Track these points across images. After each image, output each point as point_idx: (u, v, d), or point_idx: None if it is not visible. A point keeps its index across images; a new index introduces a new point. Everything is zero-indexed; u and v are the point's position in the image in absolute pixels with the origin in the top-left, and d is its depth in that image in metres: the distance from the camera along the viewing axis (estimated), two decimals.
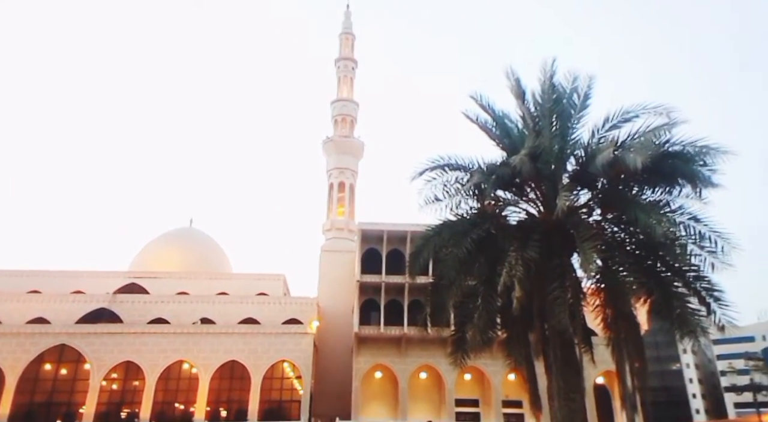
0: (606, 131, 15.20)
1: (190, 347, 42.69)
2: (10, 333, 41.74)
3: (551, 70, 15.97)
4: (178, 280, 53.69)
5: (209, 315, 48.67)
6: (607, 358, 15.56)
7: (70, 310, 46.64)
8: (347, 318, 47.78)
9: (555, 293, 13.42)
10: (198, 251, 61.36)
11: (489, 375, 44.38)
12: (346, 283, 50.43)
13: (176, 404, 42.07)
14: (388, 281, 45.24)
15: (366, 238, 47.28)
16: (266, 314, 49.65)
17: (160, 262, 57.56)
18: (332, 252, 55.05)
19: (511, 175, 14.92)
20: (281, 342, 43.96)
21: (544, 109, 15.76)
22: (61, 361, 41.75)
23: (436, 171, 15.94)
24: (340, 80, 64.42)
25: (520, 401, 43.58)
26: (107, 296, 48.50)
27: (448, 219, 16.01)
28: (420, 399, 45.77)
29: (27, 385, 40.60)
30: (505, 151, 16.25)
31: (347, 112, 62.76)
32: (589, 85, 15.71)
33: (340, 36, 66.66)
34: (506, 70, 16.24)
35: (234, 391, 42.40)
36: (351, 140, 61.65)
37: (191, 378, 42.25)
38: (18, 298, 47.80)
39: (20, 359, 40.75)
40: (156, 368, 41.63)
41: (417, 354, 44.52)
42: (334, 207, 59.06)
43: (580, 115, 15.69)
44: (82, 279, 52.75)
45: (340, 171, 60.18)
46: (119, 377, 42.32)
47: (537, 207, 15.75)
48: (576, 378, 14.78)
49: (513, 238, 14.39)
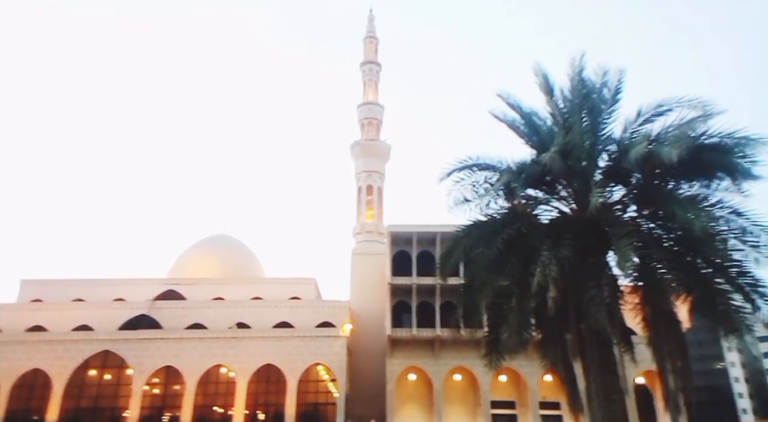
0: (639, 125, 14.86)
1: (227, 351, 43.49)
2: (56, 340, 43.34)
3: (580, 65, 15.70)
4: (214, 286, 54.82)
5: (244, 320, 49.49)
6: (648, 357, 15.18)
7: (112, 317, 48.14)
8: (379, 321, 47.88)
9: (591, 292, 13.16)
10: (232, 257, 62.51)
11: (525, 377, 43.76)
12: (377, 286, 50.55)
13: (215, 407, 42.91)
14: (419, 283, 45.16)
15: (396, 240, 47.31)
16: (299, 318, 50.18)
17: (196, 269, 58.89)
18: (363, 256, 55.28)
19: (541, 173, 14.74)
20: (315, 346, 44.35)
21: (574, 104, 15.50)
22: (105, 367, 43.12)
23: (464, 171, 15.86)
24: (365, 84, 64.76)
25: (558, 402, 42.80)
26: (147, 303, 49.87)
27: (478, 220, 15.90)
28: (455, 401, 45.46)
29: (73, 391, 42.04)
30: (534, 149, 16.05)
31: (373, 115, 63.03)
32: (620, 79, 15.38)
33: (365, 40, 67.02)
34: (534, 66, 16.09)
35: (271, 394, 42.98)
36: (378, 143, 61.88)
37: (229, 381, 43.03)
38: (63, 307, 49.66)
39: (66, 365, 42.26)
40: (195, 372, 42.55)
41: (450, 355, 44.24)
42: (363, 210, 59.33)
43: (611, 109, 15.37)
44: (123, 286, 54.39)
45: (367, 174, 60.44)
46: (160, 381, 43.42)
47: (569, 205, 15.49)
48: (616, 379, 14.46)
49: (545, 237, 14.19)
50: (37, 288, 53.98)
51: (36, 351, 42.56)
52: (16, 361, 42.00)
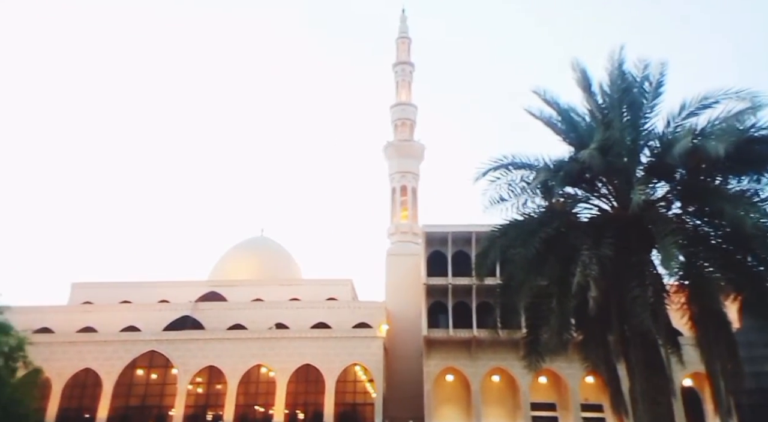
0: (683, 119, 14.40)
1: (267, 351, 44.29)
2: (105, 341, 45.10)
3: (619, 59, 15.33)
4: (253, 288, 55.93)
5: (283, 321, 50.30)
6: (696, 359, 14.67)
7: (157, 318, 49.74)
8: (415, 322, 47.82)
9: (634, 292, 12.83)
10: (270, 259, 63.63)
11: (565, 378, 42.89)
12: (412, 286, 50.49)
13: (256, 406, 43.76)
14: (454, 283, 44.89)
15: (430, 241, 47.17)
16: (336, 318, 50.64)
17: (236, 271, 60.24)
18: (398, 256, 55.33)
19: (580, 171, 14.46)
20: (352, 346, 44.67)
21: (614, 99, 15.14)
22: (152, 366, 44.55)
23: (500, 170, 15.70)
24: (398, 84, 64.80)
25: (601, 404, 41.75)
26: (190, 304, 51.31)
27: (515, 219, 15.72)
28: (494, 402, 44.96)
29: (122, 390, 43.58)
30: (572, 146, 15.76)
31: (406, 115, 63.02)
32: (662, 72, 14.93)
33: (397, 40, 67.08)
34: (571, 61, 15.78)
35: (310, 394, 43.52)
36: (411, 143, 61.83)
37: (269, 381, 43.81)
38: (112, 308, 51.65)
39: (115, 365, 43.88)
40: (236, 372, 43.50)
41: (488, 356, 43.79)
42: (398, 210, 59.39)
43: (653, 103, 14.95)
44: (167, 288, 56.10)
45: (401, 175, 60.48)
46: (203, 381, 44.56)
47: (610, 202, 15.15)
48: (662, 381, 14.05)
49: (585, 236, 13.92)
50: (86, 290, 56.35)
51: (87, 351, 44.37)
52: (68, 361, 43.86)
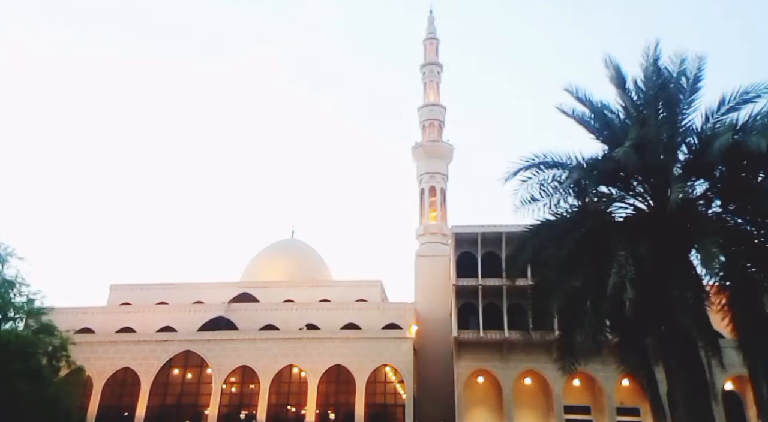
0: (722, 115, 13.96)
1: (298, 352, 44.76)
2: (143, 341, 46.36)
3: (655, 54, 14.96)
4: (284, 289, 56.62)
5: (314, 322, 50.75)
6: (738, 362, 14.25)
7: (192, 319, 50.86)
8: (445, 323, 47.58)
9: (673, 293, 12.50)
10: (300, 260, 64.30)
11: (600, 381, 41.93)
12: (441, 288, 50.25)
13: (288, 406, 44.27)
14: (484, 284, 44.43)
15: (460, 242, 46.86)
16: (366, 319, 50.80)
17: (267, 272, 61.11)
18: (427, 257, 55.17)
19: (614, 169, 14.17)
20: (383, 347, 44.73)
21: (649, 95, 14.79)
22: (187, 366, 45.51)
23: (531, 170, 15.52)
24: (426, 85, 64.64)
25: (638, 408, 40.70)
26: (223, 305, 52.31)
27: (547, 219, 15.51)
28: (526, 405, 44.31)
29: (159, 389, 44.64)
30: (606, 144, 15.47)
31: (435, 116, 62.80)
32: (699, 67, 14.49)
33: (425, 41, 66.92)
34: (604, 58, 15.50)
35: (341, 394, 43.77)
36: (440, 144, 61.56)
37: (301, 381, 44.23)
38: (149, 309, 53.09)
39: (153, 365, 45.04)
40: (269, 372, 44.08)
41: (520, 358, 43.17)
42: (426, 212, 59.21)
43: (690, 99, 14.53)
44: (201, 290, 57.35)
45: (430, 176, 60.28)
46: (237, 381, 45.28)
47: (646, 201, 14.79)
48: (702, 384, 13.64)
49: (621, 236, 13.64)
50: (124, 292, 58.08)
51: (125, 351, 45.71)
52: (108, 361, 45.21)
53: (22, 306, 31.82)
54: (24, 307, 31.90)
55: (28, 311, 32.17)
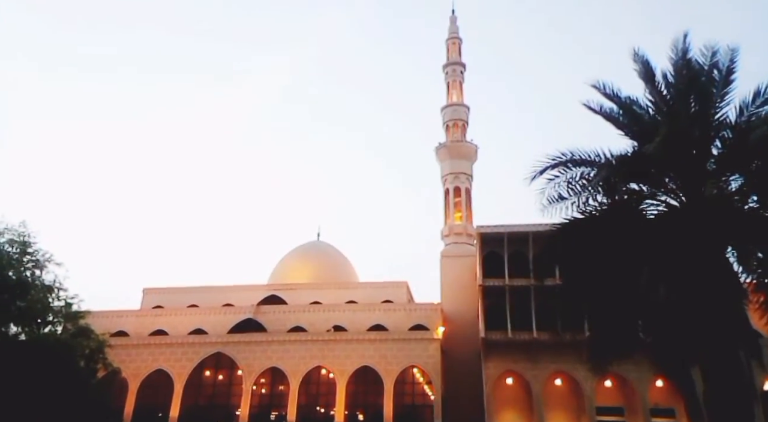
0: (757, 107, 13.54)
1: (326, 353, 45.03)
2: (176, 343, 47.31)
3: (684, 47, 14.60)
4: (311, 291, 57.08)
5: (341, 323, 51.01)
6: None
7: (222, 321, 51.69)
8: (472, 324, 47.22)
9: (709, 292, 12.16)
10: (327, 262, 64.75)
11: (633, 382, 41.01)
12: (468, 288, 49.90)
13: (317, 407, 44.59)
14: (511, 284, 44.00)
15: (485, 241, 46.49)
16: (393, 321, 50.80)
17: (294, 275, 61.71)
18: (452, 258, 54.87)
19: (644, 166, 13.88)
20: (410, 348, 44.66)
21: (679, 89, 14.43)
22: (218, 368, 46.28)
23: (558, 168, 15.29)
24: (449, 85, 64.34)
25: (673, 409, 39.64)
26: (252, 307, 53.00)
27: (576, 218, 15.24)
28: (556, 406, 43.66)
29: (191, 390, 45.49)
30: (635, 140, 15.15)
31: (458, 116, 62.43)
32: (732, 59, 14.07)
33: (447, 41, 66.67)
34: (632, 52, 15.17)
35: (369, 395, 43.85)
36: (464, 144, 61.17)
37: (329, 382, 44.50)
38: (181, 312, 54.19)
39: (185, 366, 45.91)
40: (298, 373, 44.47)
41: (549, 359, 42.57)
42: (451, 212, 58.88)
43: (723, 92, 14.11)
44: (230, 293, 58.26)
45: (454, 176, 59.93)
46: (266, 382, 45.82)
47: (678, 198, 14.41)
48: (741, 385, 13.22)
49: (653, 234, 13.33)
50: (157, 295, 59.43)
51: (159, 353, 46.71)
52: (142, 363, 46.30)
53: (60, 310, 32.70)
54: (62, 311, 32.77)
55: (65, 315, 33.06)
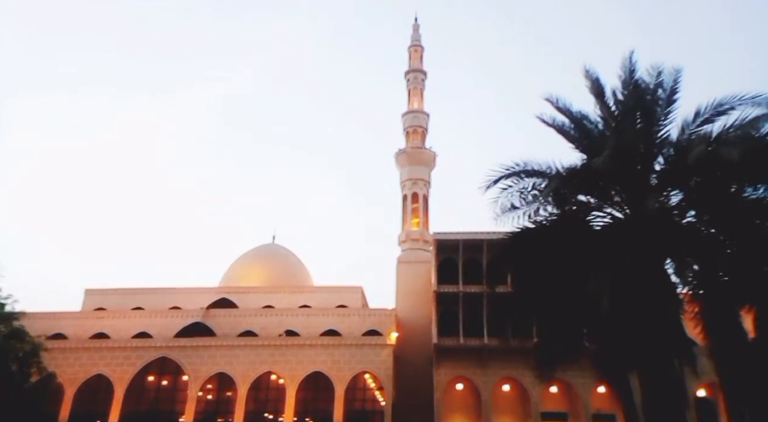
0: (697, 126, 14.27)
1: (277, 358, 44.24)
2: (118, 347, 45.28)
3: (631, 66, 15.25)
4: (264, 294, 56.01)
5: (293, 328, 50.29)
6: (710, 369, 14.45)
7: (169, 325, 49.90)
8: (426, 330, 47.55)
9: (648, 302, 12.68)
10: (281, 266, 63.78)
11: (577, 388, 42.32)
12: (423, 294, 50.24)
13: (266, 414, 43.66)
14: (465, 291, 44.58)
15: (441, 248, 46.98)
16: (346, 326, 50.53)
17: (247, 278, 60.42)
18: (408, 264, 55.15)
19: (593, 178, 14.38)
20: (362, 354, 44.50)
21: (627, 106, 15.06)
22: (163, 373, 44.59)
23: (511, 178, 15.65)
24: (410, 92, 64.91)
25: (614, 414, 41.02)
26: (201, 311, 51.42)
27: (526, 227, 15.62)
28: (504, 412, 44.47)
29: (133, 395, 43.61)
30: (585, 154, 15.69)
31: (418, 123, 63.05)
32: (676, 79, 14.82)
33: (409, 49, 67.31)
34: (584, 69, 15.73)
35: (319, 401, 43.35)
36: (423, 151, 61.80)
37: (279, 388, 43.72)
38: (124, 315, 51.95)
39: (127, 371, 43.97)
40: (247, 379, 43.46)
41: (499, 365, 43.36)
42: (409, 218, 59.25)
43: (667, 111, 14.83)
44: (178, 295, 56.37)
45: (413, 182, 60.39)
46: (213, 387, 44.54)
47: (623, 211, 15.00)
48: (675, 392, 13.82)
49: (598, 245, 13.81)
50: (99, 297, 56.83)
51: (99, 357, 44.57)
52: (81, 367, 44.05)
53: None
54: None
55: None
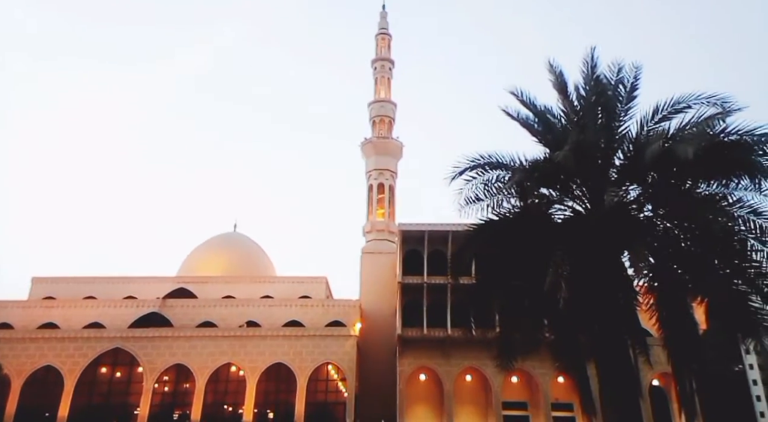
0: (655, 123, 14.55)
1: (237, 350, 43.62)
2: (68, 338, 43.71)
3: (593, 61, 15.43)
4: (224, 284, 55.07)
5: (254, 318, 49.64)
6: (663, 359, 14.90)
7: (123, 315, 48.51)
8: (390, 320, 47.75)
9: (605, 293, 12.92)
10: (242, 255, 62.78)
11: (537, 378, 43.37)
12: (387, 285, 50.41)
13: (225, 406, 43.07)
14: (430, 282, 44.91)
15: (407, 239, 47.12)
16: (310, 317, 50.22)
17: (206, 267, 59.20)
18: (373, 254, 55.15)
19: (555, 172, 14.49)
20: (325, 345, 44.34)
21: (588, 102, 15.23)
22: (116, 364, 43.40)
23: (476, 170, 15.64)
24: (377, 81, 64.51)
25: (571, 404, 42.37)
26: (158, 301, 50.16)
27: (490, 219, 15.68)
28: (466, 402, 45.21)
29: (84, 388, 42.34)
30: (548, 147, 15.80)
31: (385, 112, 62.79)
32: (636, 76, 15.06)
33: (377, 37, 66.79)
34: (547, 63, 15.82)
35: (280, 393, 43.05)
36: (389, 141, 61.63)
37: (239, 380, 43.16)
38: (75, 304, 50.14)
39: (78, 363, 42.57)
40: (205, 371, 42.73)
41: (461, 356, 43.98)
42: (374, 208, 59.16)
43: (627, 107, 15.07)
44: (133, 284, 54.81)
45: (379, 172, 60.23)
46: (170, 379, 43.64)
47: (583, 204, 15.22)
48: (630, 381, 14.19)
49: (559, 237, 13.96)
50: (48, 285, 54.70)
51: (48, 348, 42.99)
52: (28, 358, 42.43)
53: None
54: None
55: None
